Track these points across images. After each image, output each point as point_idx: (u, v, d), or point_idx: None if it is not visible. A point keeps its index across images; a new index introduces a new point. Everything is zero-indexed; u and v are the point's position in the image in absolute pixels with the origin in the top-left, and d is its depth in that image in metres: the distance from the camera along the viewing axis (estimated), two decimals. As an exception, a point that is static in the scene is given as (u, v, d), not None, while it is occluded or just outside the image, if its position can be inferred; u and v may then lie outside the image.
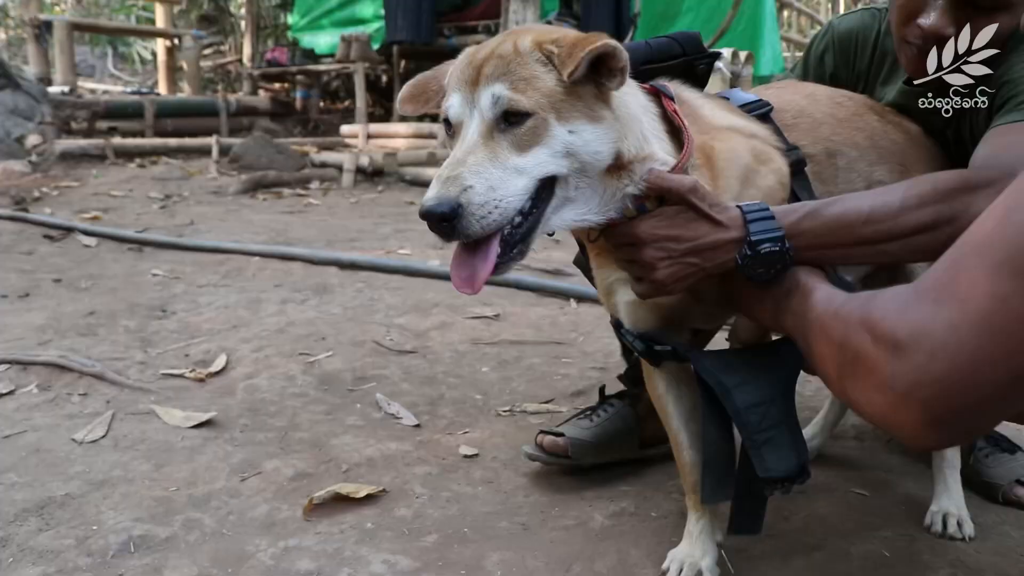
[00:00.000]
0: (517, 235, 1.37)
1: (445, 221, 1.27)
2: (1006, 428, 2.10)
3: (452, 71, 1.45)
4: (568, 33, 1.41)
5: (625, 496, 2.01)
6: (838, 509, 1.94)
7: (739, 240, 1.40)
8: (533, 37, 1.39)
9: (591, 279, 1.80)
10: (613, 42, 1.33)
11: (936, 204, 1.42)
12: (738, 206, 1.43)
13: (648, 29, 9.76)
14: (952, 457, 1.90)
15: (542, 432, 2.09)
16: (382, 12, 11.22)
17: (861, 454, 2.28)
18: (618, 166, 1.43)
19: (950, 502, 1.85)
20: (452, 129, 1.42)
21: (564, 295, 3.83)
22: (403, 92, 1.57)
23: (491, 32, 9.91)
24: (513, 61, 1.37)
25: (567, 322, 3.44)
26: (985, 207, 1.36)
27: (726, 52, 2.75)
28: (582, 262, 1.93)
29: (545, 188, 1.38)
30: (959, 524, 1.81)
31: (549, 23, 8.28)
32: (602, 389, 2.26)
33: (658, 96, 1.56)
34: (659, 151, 1.47)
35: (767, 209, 1.42)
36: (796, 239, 1.40)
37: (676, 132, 1.52)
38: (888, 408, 1.00)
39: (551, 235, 1.55)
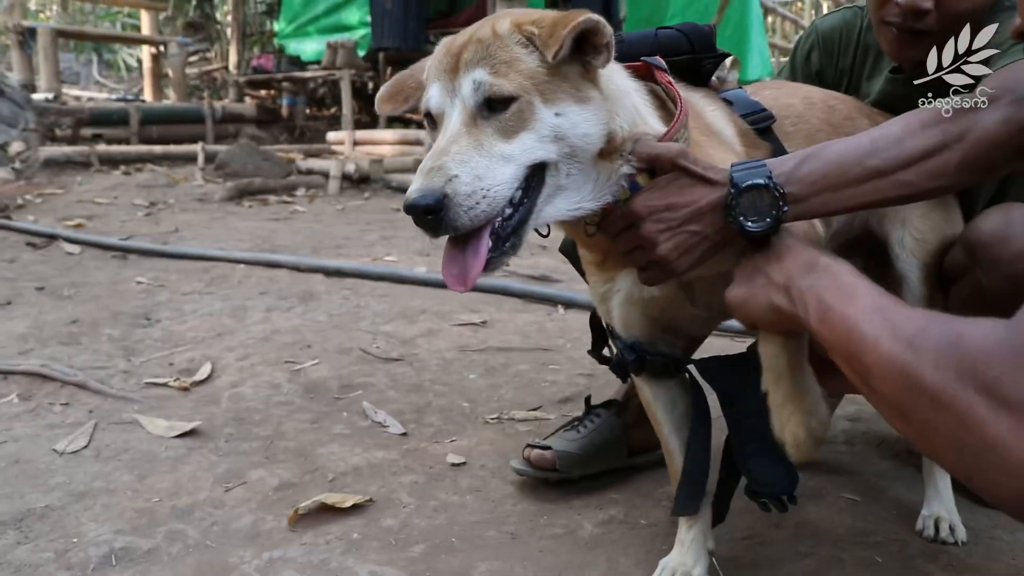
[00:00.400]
0: (508, 227, 1.30)
1: (431, 214, 1.21)
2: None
3: (431, 63, 1.40)
4: (547, 13, 1.36)
5: (614, 504, 1.99)
6: (829, 515, 1.93)
7: None
8: (512, 19, 1.35)
9: (577, 267, 1.77)
10: (596, 17, 1.28)
11: (940, 124, 1.35)
12: (732, 165, 1.37)
13: (634, 34, 9.78)
14: None
15: (529, 446, 2.07)
16: (368, 19, 11.21)
17: (852, 459, 2.27)
18: (611, 149, 1.37)
19: (942, 506, 1.84)
20: (434, 121, 1.36)
21: (551, 301, 3.82)
22: (381, 92, 1.52)
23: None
24: (492, 45, 1.32)
25: (554, 328, 3.42)
26: (992, 120, 1.31)
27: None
28: (569, 249, 1.89)
29: (535, 176, 1.32)
30: (951, 528, 1.81)
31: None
32: (588, 399, 2.24)
33: (648, 72, 1.52)
34: (651, 126, 1.43)
35: (756, 159, 1.37)
36: (797, 185, 1.33)
37: (665, 109, 1.49)
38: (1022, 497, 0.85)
39: (546, 236, 1.50)
